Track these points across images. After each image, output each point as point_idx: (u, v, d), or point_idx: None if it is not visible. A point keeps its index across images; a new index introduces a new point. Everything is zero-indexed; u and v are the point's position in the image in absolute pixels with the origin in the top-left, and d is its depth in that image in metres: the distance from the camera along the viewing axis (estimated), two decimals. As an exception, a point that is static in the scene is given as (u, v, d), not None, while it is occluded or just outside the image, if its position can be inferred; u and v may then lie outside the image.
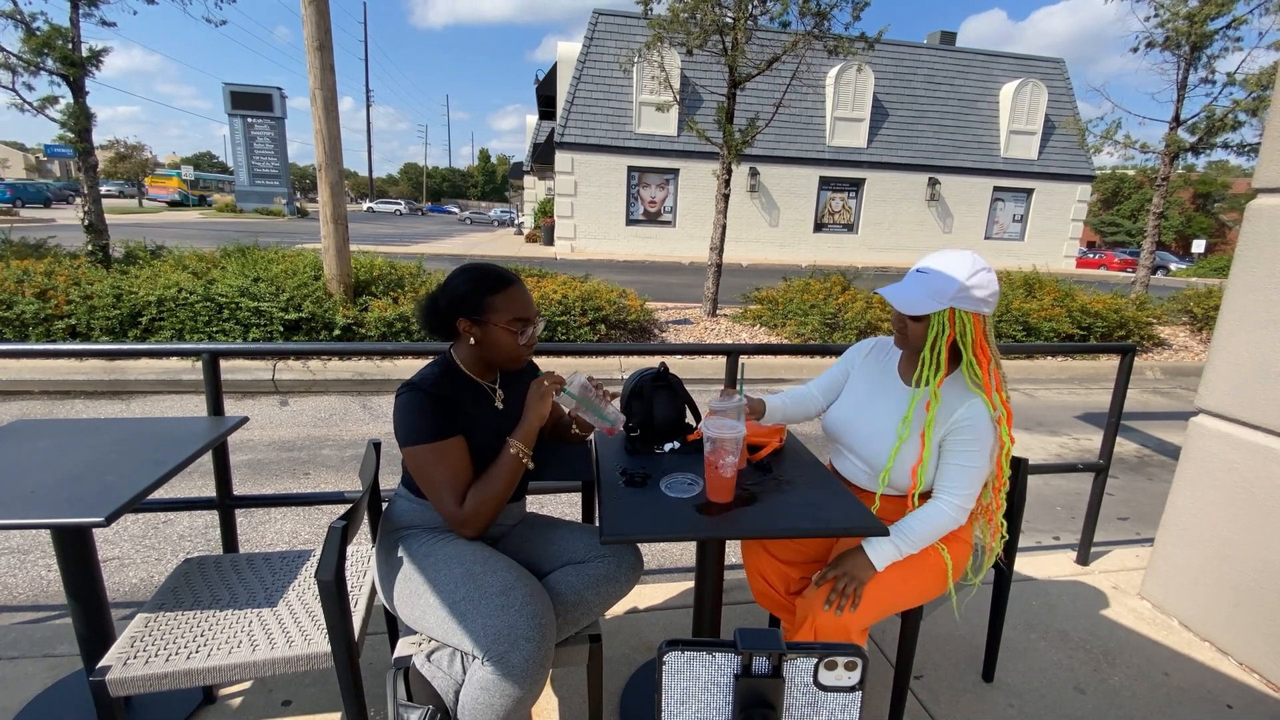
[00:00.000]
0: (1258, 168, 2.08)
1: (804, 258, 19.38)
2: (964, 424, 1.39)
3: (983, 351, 1.40)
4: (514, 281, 1.42)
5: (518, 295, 1.41)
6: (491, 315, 1.39)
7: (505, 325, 1.39)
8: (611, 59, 16.90)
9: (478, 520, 1.36)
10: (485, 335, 1.40)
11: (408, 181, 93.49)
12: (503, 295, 1.40)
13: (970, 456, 1.40)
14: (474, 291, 1.39)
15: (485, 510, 1.36)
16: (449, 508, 1.34)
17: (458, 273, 1.43)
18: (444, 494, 1.34)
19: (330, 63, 5.40)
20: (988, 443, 1.40)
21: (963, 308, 1.37)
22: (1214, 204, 37.76)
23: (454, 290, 1.41)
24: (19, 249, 7.14)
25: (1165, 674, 1.97)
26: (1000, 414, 1.40)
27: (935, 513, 1.42)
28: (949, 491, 1.42)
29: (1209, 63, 9.19)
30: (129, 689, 1.27)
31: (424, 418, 1.34)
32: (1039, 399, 6.06)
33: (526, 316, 1.42)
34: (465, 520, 1.35)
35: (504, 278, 1.42)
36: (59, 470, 1.43)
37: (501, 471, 1.38)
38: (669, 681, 0.84)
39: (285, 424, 4.44)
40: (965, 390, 1.42)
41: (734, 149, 7.60)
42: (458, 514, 1.34)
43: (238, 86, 29.17)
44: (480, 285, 1.40)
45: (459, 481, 1.35)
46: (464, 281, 1.41)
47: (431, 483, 1.34)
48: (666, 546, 2.92)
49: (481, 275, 1.41)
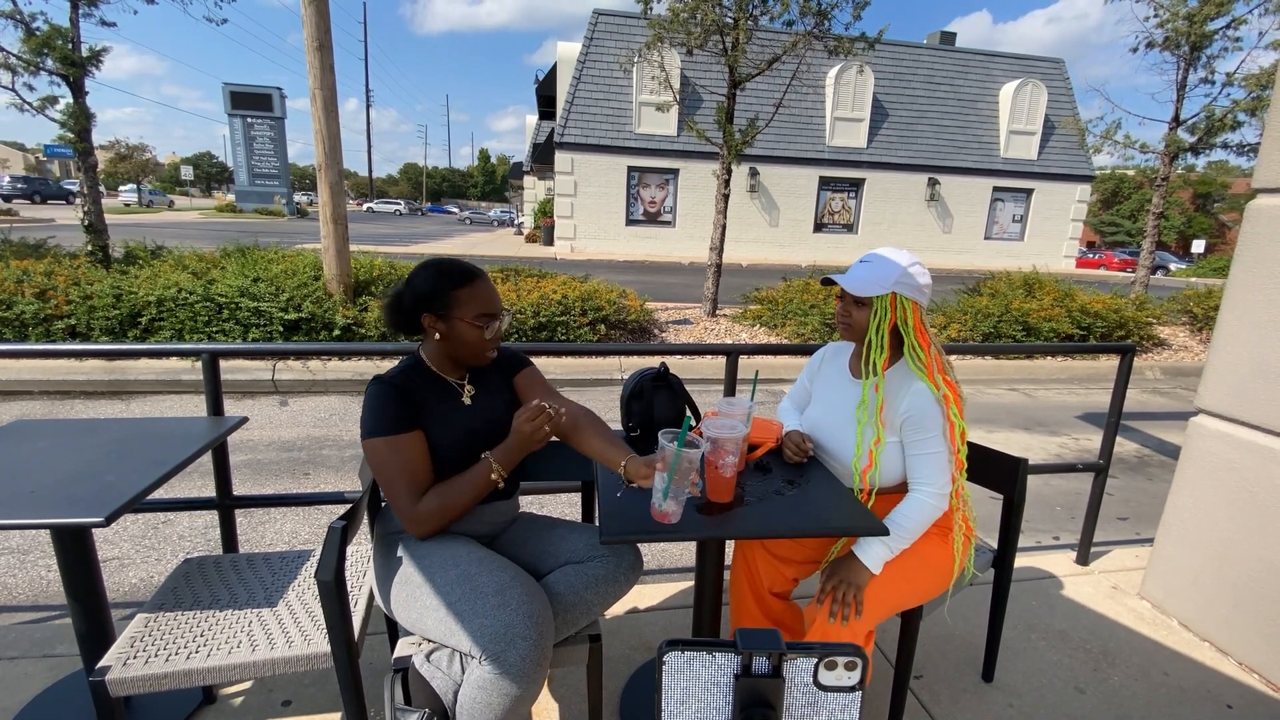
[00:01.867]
0: (1257, 168, 2.08)
1: (804, 258, 19.38)
2: (913, 413, 1.44)
3: (922, 336, 1.47)
4: (478, 276, 1.41)
5: (482, 290, 1.40)
6: (456, 310, 1.37)
7: (470, 320, 1.38)
8: (611, 59, 16.90)
9: (431, 522, 1.34)
10: (450, 330, 1.39)
11: (407, 181, 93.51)
12: (467, 289, 1.38)
13: (930, 443, 1.44)
14: (438, 287, 1.37)
15: (443, 515, 1.34)
16: (403, 504, 1.32)
17: (421, 268, 1.41)
18: (399, 490, 1.32)
19: (330, 63, 5.40)
20: (940, 423, 1.44)
21: (903, 293, 1.45)
22: (1214, 204, 37.78)
23: (418, 286, 1.39)
24: (19, 249, 7.14)
25: (1165, 674, 1.97)
26: (944, 393, 1.43)
27: (915, 505, 1.45)
28: (923, 481, 1.46)
29: (1208, 63, 9.20)
30: (129, 689, 1.26)
31: (384, 411, 1.33)
32: (1039, 399, 6.06)
33: (491, 311, 1.40)
34: (419, 519, 1.33)
35: (468, 272, 1.40)
36: (59, 470, 1.43)
37: (469, 484, 1.36)
38: (669, 681, 0.84)
39: (285, 424, 4.44)
40: (908, 376, 1.47)
41: (734, 149, 7.60)
42: (411, 511, 1.32)
43: (237, 86, 29.16)
44: (444, 280, 1.38)
45: (416, 478, 1.33)
46: (428, 277, 1.39)
47: (387, 477, 1.33)
48: (666, 546, 2.92)
49: (445, 270, 1.39)
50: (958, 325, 7.50)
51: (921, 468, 1.46)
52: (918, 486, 1.47)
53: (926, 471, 1.45)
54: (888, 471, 1.50)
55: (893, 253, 1.48)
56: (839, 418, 1.58)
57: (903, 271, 1.45)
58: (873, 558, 1.42)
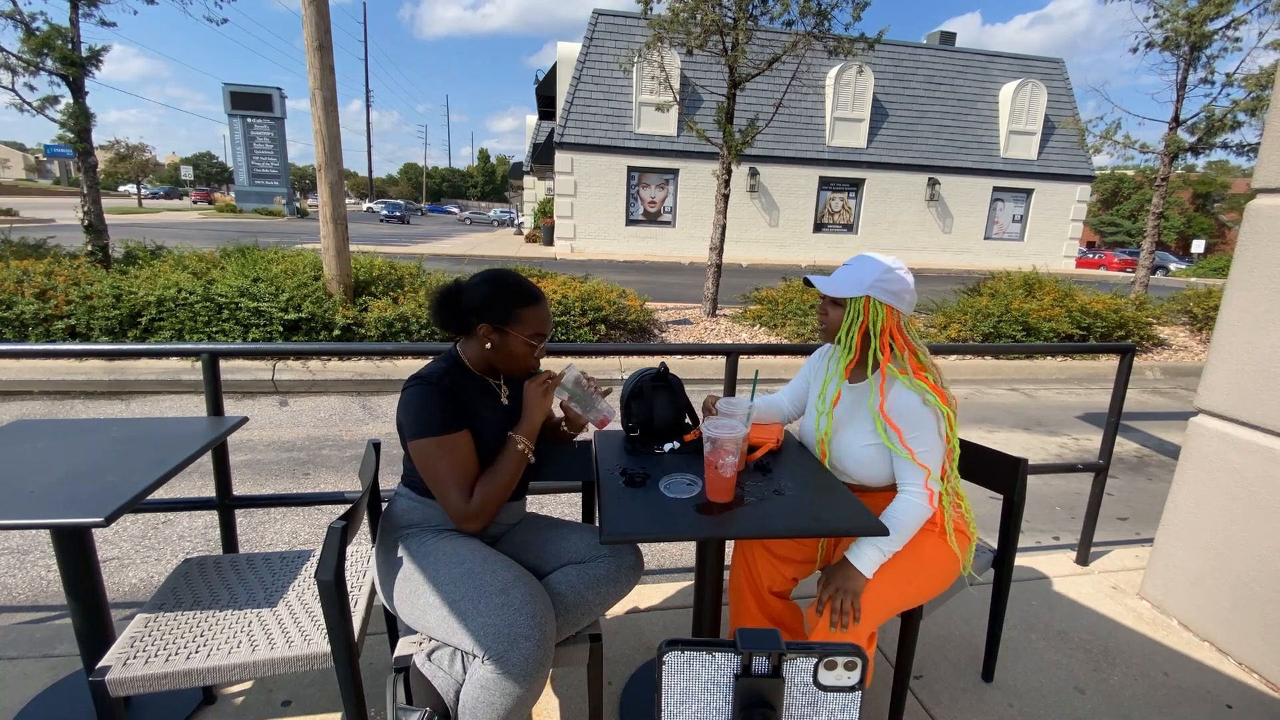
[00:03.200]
0: (1257, 168, 2.08)
1: (804, 258, 19.39)
2: (894, 416, 1.44)
3: (899, 341, 1.48)
4: (542, 298, 1.47)
5: (542, 312, 1.46)
6: (515, 327, 1.42)
7: (526, 338, 1.43)
8: (611, 59, 16.91)
9: (483, 514, 1.37)
10: (503, 343, 1.43)
11: (407, 181, 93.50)
12: (531, 309, 1.43)
13: (914, 442, 1.43)
14: (504, 302, 1.42)
15: (491, 504, 1.38)
16: (455, 502, 1.35)
17: (490, 279, 1.45)
18: (450, 488, 1.35)
19: (330, 63, 5.40)
20: (924, 422, 1.43)
21: (878, 297, 1.45)
22: (1213, 204, 37.78)
23: (483, 295, 1.43)
24: (19, 249, 7.14)
25: (1165, 674, 1.97)
26: (923, 388, 1.43)
27: (904, 505, 1.44)
28: (906, 485, 1.46)
29: (1208, 63, 9.20)
30: (129, 689, 1.26)
31: (433, 411, 1.35)
32: (1039, 399, 6.06)
33: (545, 332, 1.46)
34: (472, 514, 1.36)
35: (535, 294, 1.46)
36: (59, 470, 1.43)
37: (507, 465, 1.40)
38: (669, 681, 0.84)
39: (285, 424, 4.44)
40: (891, 380, 1.47)
41: (734, 149, 7.60)
42: (464, 508, 1.35)
43: (237, 87, 29.17)
44: (513, 297, 1.43)
45: (466, 475, 1.36)
46: (497, 289, 1.43)
47: (438, 476, 1.35)
48: (666, 546, 2.92)
49: (515, 286, 1.45)
50: (958, 325, 7.50)
51: (907, 468, 1.45)
52: (905, 485, 1.47)
53: (912, 472, 1.44)
54: (872, 473, 1.51)
55: (875, 258, 1.48)
56: (836, 418, 1.58)
57: (879, 275, 1.45)
58: (866, 562, 1.41)
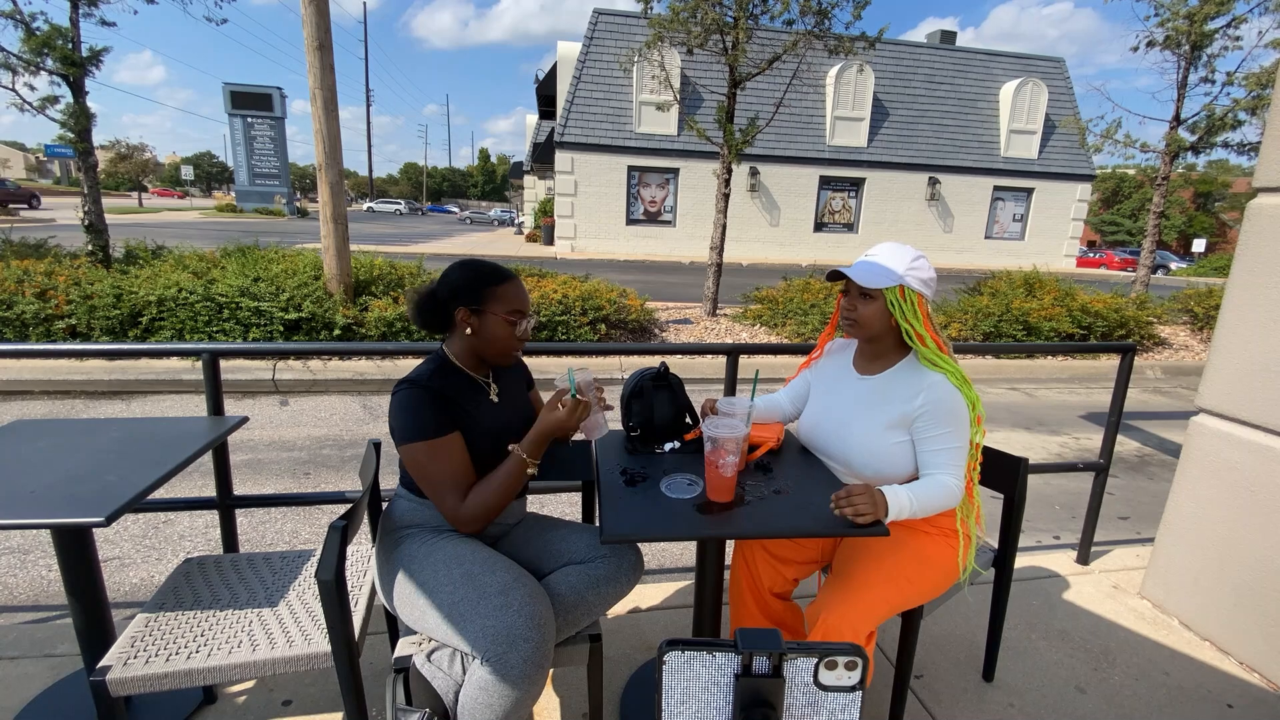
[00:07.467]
0: (1258, 167, 2.08)
1: (804, 257, 19.37)
2: (929, 407, 1.42)
3: (930, 329, 1.47)
4: (513, 276, 1.47)
5: (516, 288, 1.46)
6: (491, 305, 1.42)
7: (504, 316, 1.42)
8: (611, 58, 16.90)
9: (478, 520, 1.37)
10: (482, 325, 1.43)
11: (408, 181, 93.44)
12: (502, 287, 1.44)
13: (948, 438, 1.42)
14: (475, 282, 1.43)
15: (488, 510, 1.37)
16: (450, 505, 1.35)
17: (458, 265, 1.47)
18: (444, 492, 1.35)
19: (330, 63, 5.40)
20: (961, 415, 1.42)
21: (911, 285, 1.45)
22: (1214, 203, 37.74)
23: (455, 280, 1.43)
24: (19, 249, 7.14)
25: (1165, 673, 1.97)
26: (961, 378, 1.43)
27: (938, 485, 1.40)
28: (943, 470, 1.42)
29: (1209, 62, 9.19)
30: (129, 689, 1.26)
31: (422, 414, 1.34)
32: (1039, 398, 6.06)
33: (522, 309, 1.46)
34: (466, 519, 1.36)
35: (503, 272, 1.47)
36: (59, 470, 1.43)
37: (505, 476, 1.39)
38: (669, 681, 0.84)
39: (285, 424, 4.44)
40: (919, 371, 1.46)
41: (734, 149, 7.59)
42: (459, 512, 1.35)
43: (238, 86, 29.13)
44: (481, 277, 1.44)
45: (459, 478, 1.36)
46: (466, 273, 1.44)
47: (431, 480, 1.35)
48: (666, 546, 2.92)
49: (482, 266, 1.46)
50: (958, 325, 7.49)
51: (943, 457, 1.42)
52: (938, 472, 1.42)
53: (948, 460, 1.41)
54: (887, 466, 1.48)
55: (896, 248, 1.48)
56: (840, 416, 1.57)
57: (910, 263, 1.46)
58: (896, 505, 1.31)
